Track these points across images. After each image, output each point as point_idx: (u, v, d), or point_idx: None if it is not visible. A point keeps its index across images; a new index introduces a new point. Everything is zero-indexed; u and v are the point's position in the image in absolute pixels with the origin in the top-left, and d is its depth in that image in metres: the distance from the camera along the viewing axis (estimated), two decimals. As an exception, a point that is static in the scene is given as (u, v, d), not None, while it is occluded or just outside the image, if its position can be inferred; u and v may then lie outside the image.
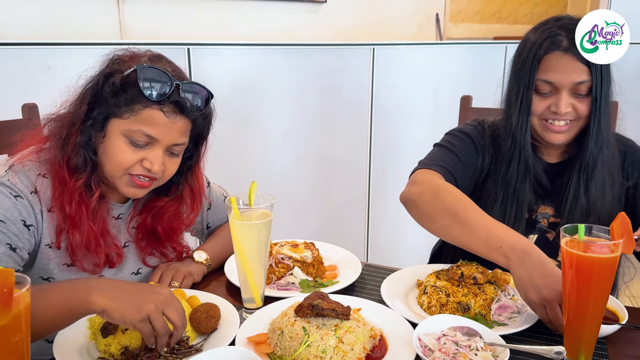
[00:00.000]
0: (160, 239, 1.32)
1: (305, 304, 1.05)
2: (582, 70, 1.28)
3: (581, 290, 0.96)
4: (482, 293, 1.18)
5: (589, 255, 0.94)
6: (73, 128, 1.15)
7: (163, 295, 0.96)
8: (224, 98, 2.45)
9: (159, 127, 1.13)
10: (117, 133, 1.14)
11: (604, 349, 1.08)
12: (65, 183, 1.14)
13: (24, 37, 2.20)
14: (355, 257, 1.44)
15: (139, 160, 1.15)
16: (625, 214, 0.96)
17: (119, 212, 1.29)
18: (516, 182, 1.40)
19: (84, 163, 1.15)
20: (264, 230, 1.14)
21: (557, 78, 1.30)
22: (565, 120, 1.33)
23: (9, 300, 0.72)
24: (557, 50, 1.29)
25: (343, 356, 0.99)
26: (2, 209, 1.08)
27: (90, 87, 1.16)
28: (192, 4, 2.69)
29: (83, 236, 1.15)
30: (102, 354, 1.03)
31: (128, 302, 0.93)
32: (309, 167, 2.87)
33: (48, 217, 1.15)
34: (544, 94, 1.34)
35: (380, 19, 3.52)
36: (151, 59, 1.18)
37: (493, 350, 1.00)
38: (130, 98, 1.12)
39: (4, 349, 0.73)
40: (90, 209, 1.16)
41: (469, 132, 1.47)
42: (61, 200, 1.14)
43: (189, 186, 1.32)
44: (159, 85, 1.12)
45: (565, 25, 1.31)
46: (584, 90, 1.31)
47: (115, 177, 1.17)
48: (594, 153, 1.35)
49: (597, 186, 1.37)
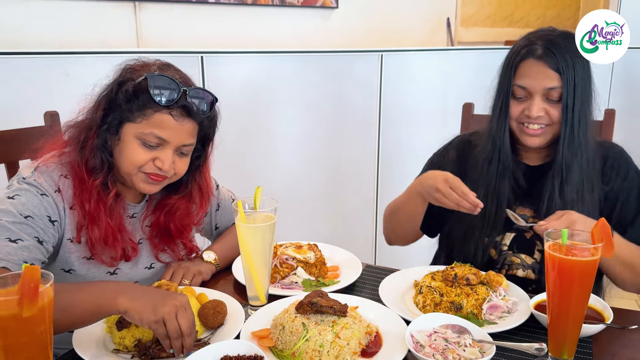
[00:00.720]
0: (172, 235, 1.41)
1: (305, 301, 1.12)
2: (554, 76, 1.37)
3: (564, 291, 1.02)
4: (474, 293, 1.24)
5: (571, 258, 1.00)
6: (90, 132, 1.25)
7: (179, 302, 1.04)
8: (236, 104, 2.54)
9: (168, 129, 1.23)
10: (130, 136, 1.24)
11: (588, 347, 1.14)
12: (84, 182, 1.25)
13: (45, 47, 2.30)
14: (356, 258, 1.51)
15: (151, 159, 1.25)
16: (606, 220, 1.02)
17: (134, 211, 1.39)
18: (495, 181, 1.49)
19: (101, 164, 1.26)
20: (268, 232, 1.21)
21: (529, 83, 1.40)
22: (539, 125, 1.42)
23: (35, 294, 0.80)
24: (531, 58, 1.39)
25: (339, 350, 1.06)
26: (31, 206, 1.19)
27: (105, 94, 1.27)
28: (206, 12, 2.77)
29: (101, 231, 1.25)
30: (117, 346, 1.11)
31: (148, 304, 1.02)
32: (318, 171, 2.95)
33: (70, 214, 1.25)
34: (519, 98, 1.43)
35: (392, 24, 3.57)
36: (160, 68, 1.27)
37: (481, 346, 1.07)
38: (142, 104, 1.22)
39: (30, 338, 0.82)
40: (108, 206, 1.27)
41: (434, 159, 1.70)
42: (81, 198, 1.25)
43: (197, 184, 1.42)
44: (167, 91, 1.22)
45: (543, 36, 1.40)
46: (556, 97, 1.39)
47: (132, 175, 1.27)
48: (567, 157, 1.42)
49: (572, 189, 1.43)
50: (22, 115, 1.80)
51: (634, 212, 1.45)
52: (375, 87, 2.99)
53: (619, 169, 1.48)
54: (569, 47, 1.37)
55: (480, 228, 1.50)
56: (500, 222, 1.49)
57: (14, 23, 2.24)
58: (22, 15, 2.25)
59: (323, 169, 2.96)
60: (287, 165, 2.83)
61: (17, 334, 0.81)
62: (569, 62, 1.37)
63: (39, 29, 2.30)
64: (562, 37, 1.40)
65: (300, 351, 1.05)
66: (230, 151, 2.53)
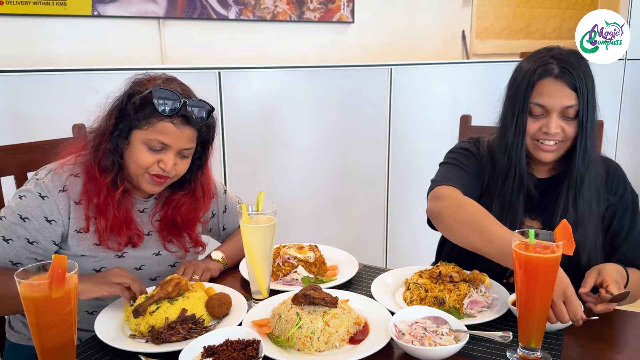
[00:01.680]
0: (179, 227, 1.58)
1: (300, 293, 1.26)
2: (571, 95, 1.43)
3: (530, 285, 1.13)
4: (456, 289, 1.36)
5: (535, 255, 1.12)
6: (104, 137, 1.45)
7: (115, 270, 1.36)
8: (251, 116, 2.69)
9: (170, 135, 1.41)
10: (138, 141, 1.42)
11: (559, 339, 1.24)
12: (96, 180, 1.43)
13: (75, 64, 2.48)
14: (354, 258, 1.64)
15: (155, 161, 1.43)
16: (567, 221, 1.14)
17: (144, 206, 1.56)
18: (511, 195, 1.54)
19: (112, 164, 1.44)
20: (269, 232, 1.35)
21: (548, 102, 1.45)
22: (554, 141, 1.48)
23: (62, 278, 0.95)
24: (549, 77, 1.44)
25: (329, 337, 1.19)
26: (30, 208, 1.39)
27: (116, 105, 1.46)
28: (226, 28, 2.92)
29: (108, 222, 1.44)
30: (133, 332, 1.26)
31: (92, 282, 1.31)
32: (330, 180, 3.08)
33: (76, 208, 1.44)
34: (536, 116, 1.48)
35: (407, 37, 3.66)
36: (165, 82, 1.46)
37: (456, 335, 1.18)
38: (148, 113, 1.40)
39: (58, 316, 0.97)
40: (115, 200, 1.45)
41: (469, 148, 1.64)
42: (91, 193, 1.43)
43: (199, 182, 1.60)
44: (169, 103, 1.40)
45: (556, 55, 1.46)
46: (572, 114, 1.45)
47: (138, 176, 1.45)
48: (581, 171, 1.48)
49: (584, 201, 1.50)
50: (54, 127, 1.98)
51: (627, 229, 1.54)
52: (385, 99, 3.11)
53: (618, 185, 1.56)
54: (580, 65, 1.44)
55: None
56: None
57: (48, 42, 2.43)
58: (54, 34, 2.43)
59: (335, 178, 3.09)
60: (301, 174, 2.97)
61: (47, 312, 0.96)
62: (583, 80, 1.42)
63: (70, 47, 2.48)
64: (573, 56, 1.45)
65: (293, 337, 1.18)
66: (246, 161, 2.69)
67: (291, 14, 3.10)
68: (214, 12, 2.83)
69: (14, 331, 1.55)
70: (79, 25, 2.48)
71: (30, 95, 2.23)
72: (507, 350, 1.18)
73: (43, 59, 2.42)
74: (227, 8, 2.86)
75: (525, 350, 1.15)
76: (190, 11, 2.76)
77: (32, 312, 0.97)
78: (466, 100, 3.33)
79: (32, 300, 0.96)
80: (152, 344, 1.19)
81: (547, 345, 1.20)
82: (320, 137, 2.99)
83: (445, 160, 1.67)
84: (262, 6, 2.98)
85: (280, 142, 2.87)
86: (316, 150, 2.99)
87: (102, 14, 2.51)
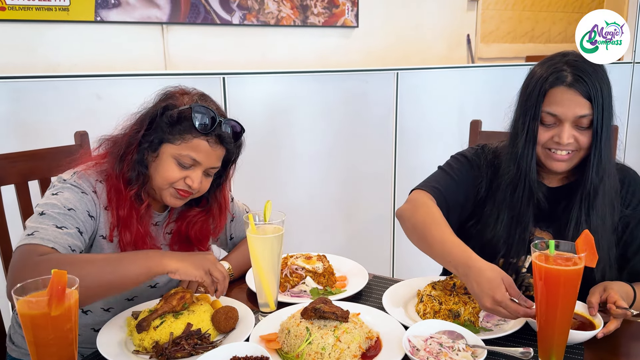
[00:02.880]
0: (192, 243, 1.55)
1: (310, 307, 1.21)
2: (584, 104, 1.36)
3: (550, 298, 1.08)
4: (472, 302, 1.31)
5: (557, 267, 1.07)
6: (130, 148, 1.40)
7: (212, 258, 1.30)
8: (256, 121, 2.66)
9: (202, 153, 1.39)
10: (167, 155, 1.39)
11: (580, 354, 1.19)
12: (120, 192, 1.40)
13: (77, 70, 2.46)
14: (364, 269, 1.59)
15: (182, 177, 1.40)
16: (589, 232, 1.09)
17: (157, 220, 1.53)
18: (521, 206, 1.47)
19: (137, 177, 1.40)
20: (276, 242, 1.31)
21: (560, 111, 1.37)
22: (567, 150, 1.40)
23: (62, 295, 0.91)
24: (561, 85, 1.37)
25: (340, 353, 1.14)
26: (74, 200, 1.34)
27: (148, 116, 1.41)
28: (230, 33, 2.90)
29: (132, 235, 1.40)
30: (136, 347, 1.21)
31: (192, 263, 1.25)
32: (336, 186, 3.04)
33: (104, 214, 1.40)
34: (548, 125, 1.41)
35: (412, 41, 3.65)
36: (200, 98, 1.44)
37: (474, 351, 1.14)
38: (183, 129, 1.38)
39: (57, 334, 0.92)
40: (140, 214, 1.41)
41: (468, 155, 1.60)
42: (116, 205, 1.39)
43: (217, 201, 1.56)
44: (207, 121, 1.38)
45: (570, 62, 1.38)
46: (586, 123, 1.37)
47: (162, 189, 1.42)
48: (594, 183, 1.41)
49: (597, 214, 1.43)
50: (56, 134, 1.94)
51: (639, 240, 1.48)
52: (391, 104, 3.07)
53: (632, 196, 1.49)
54: (596, 72, 1.37)
55: (503, 252, 1.49)
56: (524, 246, 1.48)
57: (50, 48, 2.40)
58: (56, 40, 2.41)
59: (341, 184, 3.05)
60: (306, 180, 2.93)
61: (46, 330, 0.92)
62: (597, 88, 1.35)
63: (73, 52, 2.46)
64: (588, 63, 1.39)
65: (303, 353, 1.14)
66: (251, 167, 2.64)
67: (295, 18, 3.07)
68: (218, 17, 2.80)
69: (14, 346, 1.51)
70: (82, 31, 2.46)
71: (32, 102, 2.19)
72: (527, 367, 1.13)
73: (45, 64, 2.39)
74: (230, 13, 2.82)
75: (545, 366, 1.10)
76: (194, 16, 2.73)
77: (30, 330, 0.92)
78: (472, 105, 3.29)
79: (30, 318, 0.91)
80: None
81: (567, 360, 1.15)
82: (326, 143, 2.95)
83: (443, 164, 1.64)
84: (266, 11, 2.94)
85: (285, 147, 2.84)
86: (322, 155, 2.95)
87: (105, 20, 2.48)
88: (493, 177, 1.55)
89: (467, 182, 1.56)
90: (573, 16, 5.39)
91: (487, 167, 1.56)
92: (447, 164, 1.61)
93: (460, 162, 1.59)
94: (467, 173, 1.57)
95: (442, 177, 1.56)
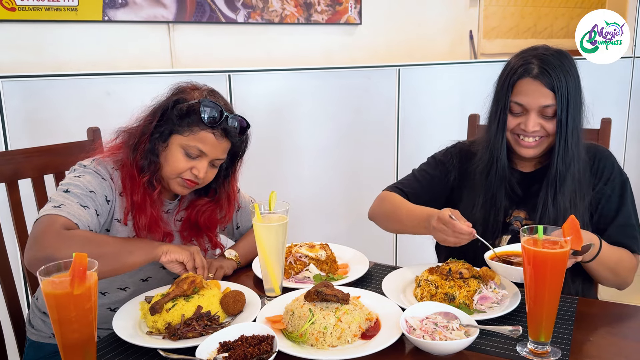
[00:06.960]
0: (200, 229, 1.64)
1: (312, 290, 1.28)
2: (548, 95, 1.47)
3: (538, 280, 1.15)
4: (466, 286, 1.38)
5: (544, 250, 1.13)
6: (143, 137, 1.50)
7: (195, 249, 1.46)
8: (261, 117, 2.73)
9: (209, 145, 1.48)
10: (176, 145, 1.48)
11: (569, 333, 1.25)
12: (134, 178, 1.49)
13: (87, 68, 2.52)
14: (365, 257, 1.66)
15: (189, 167, 1.49)
16: (574, 217, 1.15)
17: (168, 207, 1.61)
18: (493, 190, 1.60)
19: (149, 165, 1.50)
20: (281, 231, 1.38)
21: (526, 101, 1.50)
22: (534, 137, 1.53)
23: (83, 276, 0.98)
24: (528, 77, 1.49)
25: (341, 332, 1.21)
26: (95, 183, 1.45)
27: (160, 108, 1.50)
28: (235, 32, 2.96)
29: (147, 219, 1.49)
30: (150, 329, 1.29)
31: (179, 247, 1.43)
32: (339, 179, 3.10)
33: (119, 199, 1.50)
34: (516, 113, 1.54)
35: (415, 38, 3.68)
36: (210, 93, 1.53)
37: (467, 330, 1.21)
38: (192, 121, 1.47)
39: (79, 312, 1.00)
40: (153, 199, 1.51)
41: (437, 156, 1.79)
42: (131, 191, 1.49)
43: (225, 191, 1.66)
44: (214, 115, 1.47)
45: (538, 55, 1.50)
46: (550, 113, 1.49)
47: (170, 179, 1.51)
48: (560, 170, 1.52)
49: (566, 199, 1.53)
50: (67, 131, 2.02)
51: (614, 212, 1.56)
52: (393, 100, 3.13)
53: (604, 169, 1.59)
54: (562, 65, 1.47)
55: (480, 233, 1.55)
56: (498, 228, 1.61)
57: (59, 47, 2.47)
58: (65, 39, 2.47)
59: (344, 178, 3.12)
60: (310, 174, 3.00)
61: (68, 309, 0.99)
62: (562, 80, 1.46)
63: (81, 51, 2.52)
64: (555, 57, 1.49)
65: (306, 332, 1.21)
66: (256, 161, 2.71)
67: (299, 16, 3.13)
68: (223, 15, 2.86)
69: (34, 329, 1.59)
70: (90, 31, 2.52)
71: (43, 100, 2.27)
72: (517, 345, 1.20)
73: (55, 63, 2.46)
74: (235, 11, 2.89)
75: (535, 344, 1.17)
76: (199, 15, 2.80)
77: (54, 309, 0.99)
78: (474, 100, 3.31)
79: (54, 297, 0.99)
80: (169, 340, 1.22)
81: (556, 339, 1.22)
82: (329, 138, 3.02)
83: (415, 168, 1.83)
84: (270, 9, 3.01)
85: (290, 142, 2.90)
86: (325, 151, 3.02)
87: (113, 19, 2.55)
88: (464, 164, 1.69)
89: (431, 182, 1.73)
90: (575, 11, 5.41)
91: (455, 159, 1.73)
92: (419, 167, 1.79)
93: (427, 164, 1.78)
94: (432, 172, 1.74)
95: (407, 179, 1.77)
